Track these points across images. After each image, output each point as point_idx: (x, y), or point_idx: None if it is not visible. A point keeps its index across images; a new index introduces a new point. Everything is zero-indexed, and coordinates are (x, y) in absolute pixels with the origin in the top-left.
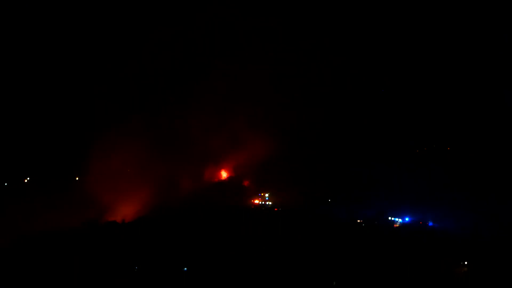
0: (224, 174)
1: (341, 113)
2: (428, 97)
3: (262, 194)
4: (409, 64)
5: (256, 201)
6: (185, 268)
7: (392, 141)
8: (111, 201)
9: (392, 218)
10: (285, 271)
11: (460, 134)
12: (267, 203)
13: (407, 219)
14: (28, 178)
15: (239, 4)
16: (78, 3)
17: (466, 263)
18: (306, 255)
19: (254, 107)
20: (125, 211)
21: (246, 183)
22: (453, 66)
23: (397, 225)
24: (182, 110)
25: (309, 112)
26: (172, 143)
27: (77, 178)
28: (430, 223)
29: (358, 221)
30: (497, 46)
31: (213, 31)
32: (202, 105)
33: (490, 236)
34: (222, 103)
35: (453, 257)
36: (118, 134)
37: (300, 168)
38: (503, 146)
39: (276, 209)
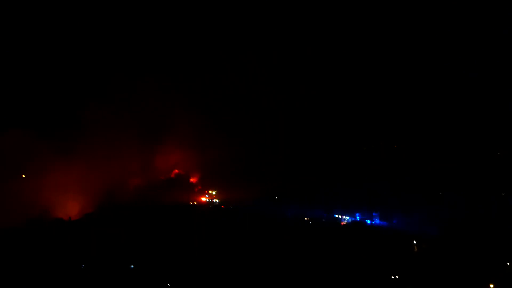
0: (172, 172)
1: (291, 113)
2: (374, 97)
3: (209, 191)
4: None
5: (203, 198)
6: (132, 266)
7: (338, 140)
8: (57, 199)
9: (339, 216)
10: (231, 268)
11: (406, 132)
12: (214, 200)
13: (353, 217)
14: None
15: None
16: None
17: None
18: (253, 252)
19: (204, 106)
20: (72, 208)
21: (193, 180)
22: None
23: (344, 223)
24: (131, 107)
25: (259, 113)
26: (119, 140)
27: (23, 176)
28: (376, 221)
29: (306, 218)
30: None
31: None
32: (151, 102)
33: (435, 234)
34: (172, 101)
35: (398, 254)
36: (65, 131)
37: (248, 166)
38: (450, 144)
39: (223, 206)
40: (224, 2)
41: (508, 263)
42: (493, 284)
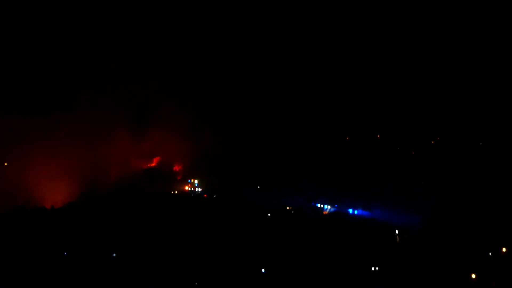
0: (153, 160)
1: (274, 103)
2: (356, 87)
3: (191, 180)
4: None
5: (186, 187)
6: (114, 254)
7: (321, 130)
8: (40, 187)
9: (321, 205)
10: (213, 257)
11: (389, 122)
12: (196, 189)
13: (335, 206)
14: None
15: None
16: None
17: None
18: (235, 241)
19: (189, 94)
20: (55, 197)
21: (176, 168)
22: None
23: (326, 212)
24: (115, 96)
25: (242, 102)
26: (101, 129)
27: (5, 164)
28: (359, 211)
29: (288, 208)
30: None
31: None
32: (136, 91)
33: (417, 224)
34: (158, 89)
35: (380, 244)
36: (47, 120)
37: (231, 156)
38: (434, 135)
39: (205, 195)
40: None
41: (489, 253)
42: (474, 274)
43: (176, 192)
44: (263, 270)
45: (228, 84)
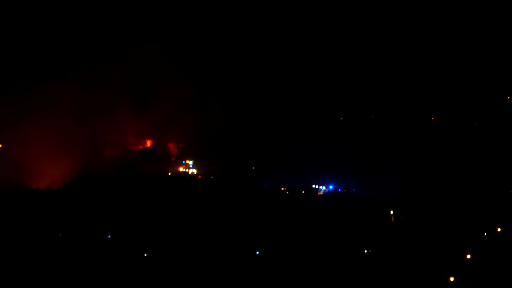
0: (148, 142)
1: (270, 84)
2: (351, 67)
3: (186, 161)
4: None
5: (181, 169)
6: (109, 236)
7: (315, 110)
8: (35, 169)
9: (316, 186)
10: (209, 239)
11: (383, 101)
12: (191, 170)
13: (330, 187)
14: None
15: None
16: None
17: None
18: (230, 222)
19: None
20: (50, 178)
21: (170, 150)
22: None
23: (321, 193)
24: (107, 78)
25: (239, 82)
26: (96, 110)
27: (0, 146)
28: (353, 190)
29: (282, 188)
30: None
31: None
32: (127, 74)
33: (412, 204)
34: (157, 67)
35: (374, 224)
36: (42, 100)
37: (225, 136)
38: (428, 113)
39: (200, 176)
40: None
41: (485, 234)
42: (469, 254)
43: (170, 173)
44: (257, 252)
45: (225, 62)
